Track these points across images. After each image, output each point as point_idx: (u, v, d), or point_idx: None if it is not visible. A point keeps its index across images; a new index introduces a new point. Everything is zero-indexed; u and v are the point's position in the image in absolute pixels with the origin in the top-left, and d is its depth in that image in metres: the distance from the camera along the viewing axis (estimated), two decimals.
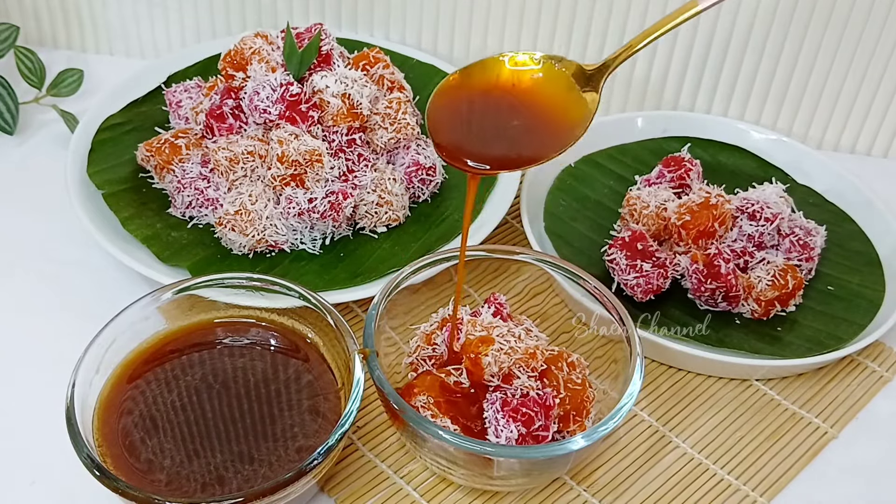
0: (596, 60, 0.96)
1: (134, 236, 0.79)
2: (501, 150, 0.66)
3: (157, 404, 0.64)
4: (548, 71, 0.68)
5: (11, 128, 0.94)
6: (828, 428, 0.73)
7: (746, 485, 0.69)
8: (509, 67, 0.68)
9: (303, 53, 0.80)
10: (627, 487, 0.68)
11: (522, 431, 0.62)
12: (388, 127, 0.82)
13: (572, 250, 0.82)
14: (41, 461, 0.67)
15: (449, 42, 1.00)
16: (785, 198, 0.81)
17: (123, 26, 1.04)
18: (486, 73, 0.68)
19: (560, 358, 0.66)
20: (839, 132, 0.99)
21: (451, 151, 0.65)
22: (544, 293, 0.79)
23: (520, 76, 0.68)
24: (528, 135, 0.67)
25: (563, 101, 0.68)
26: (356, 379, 0.62)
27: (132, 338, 0.66)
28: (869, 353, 0.78)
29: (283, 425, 0.63)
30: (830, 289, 0.81)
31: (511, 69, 0.68)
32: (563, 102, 0.68)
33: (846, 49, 0.93)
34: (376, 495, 0.67)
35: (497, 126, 0.67)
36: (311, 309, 0.67)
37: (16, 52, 0.95)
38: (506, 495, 0.67)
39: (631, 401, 0.63)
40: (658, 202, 0.81)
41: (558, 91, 0.68)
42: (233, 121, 0.81)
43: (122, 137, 0.88)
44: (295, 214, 0.78)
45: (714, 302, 0.78)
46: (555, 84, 0.68)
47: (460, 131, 0.67)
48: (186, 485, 0.60)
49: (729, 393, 0.75)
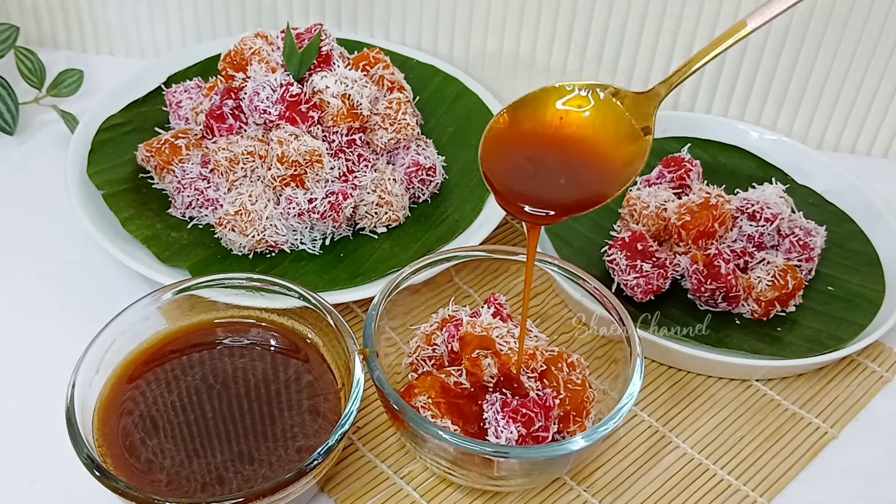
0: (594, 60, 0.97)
1: (134, 236, 0.79)
2: (560, 193, 0.63)
3: (157, 404, 0.64)
4: (598, 104, 0.66)
5: (11, 128, 0.94)
6: (828, 428, 0.73)
7: (746, 485, 0.69)
8: (559, 107, 0.66)
9: (303, 54, 0.80)
10: (627, 487, 0.68)
11: (522, 432, 0.62)
12: (388, 127, 0.82)
13: (572, 250, 0.82)
14: (41, 461, 0.67)
15: (449, 42, 1.00)
16: (785, 198, 0.81)
17: (123, 26, 1.04)
18: (536, 111, 0.66)
19: (560, 358, 0.66)
20: (839, 132, 0.99)
21: (509, 199, 0.63)
22: (544, 293, 0.79)
23: (569, 113, 0.66)
24: (585, 175, 0.64)
25: (616, 133, 0.66)
26: (356, 379, 0.62)
27: (132, 338, 0.66)
28: (869, 354, 0.78)
29: (283, 426, 0.63)
30: (830, 289, 0.81)
31: (561, 108, 0.66)
32: (616, 135, 0.66)
33: (846, 49, 0.93)
34: (376, 495, 0.67)
35: (553, 168, 0.65)
36: (311, 309, 0.67)
37: (16, 52, 0.95)
38: (506, 495, 0.67)
39: (631, 401, 0.63)
40: (658, 202, 0.81)
41: (610, 124, 0.66)
42: (233, 121, 0.81)
43: (122, 138, 0.88)
44: (295, 215, 0.78)
45: (714, 302, 0.78)
46: (606, 117, 0.66)
47: (517, 177, 0.64)
48: (186, 485, 0.60)
49: (729, 393, 0.75)
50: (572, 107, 0.67)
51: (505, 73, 1.00)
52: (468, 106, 0.93)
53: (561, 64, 0.98)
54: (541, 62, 0.98)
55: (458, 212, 0.84)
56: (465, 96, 0.94)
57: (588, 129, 0.66)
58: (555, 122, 0.66)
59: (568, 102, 0.67)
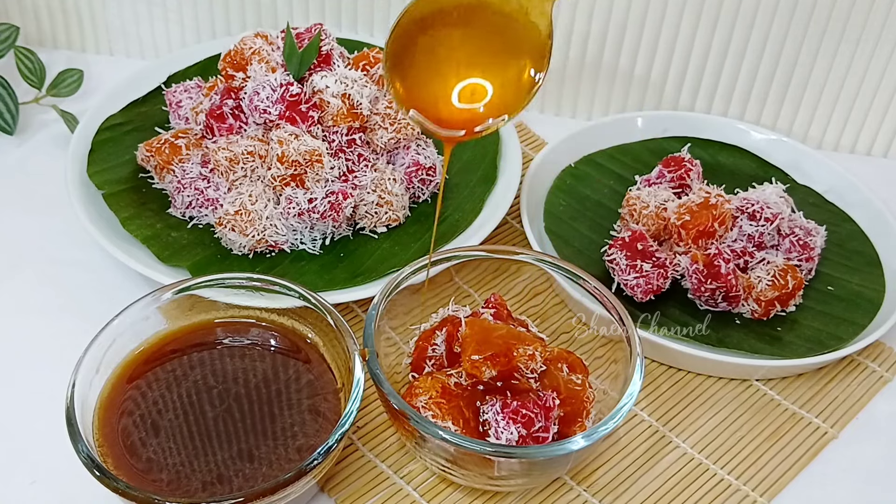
0: (594, 60, 0.97)
1: (134, 236, 0.79)
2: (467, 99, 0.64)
3: (157, 404, 0.64)
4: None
5: (11, 128, 0.94)
6: (828, 428, 0.73)
7: (746, 485, 0.69)
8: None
9: (303, 53, 0.80)
10: (627, 487, 0.68)
11: (523, 433, 0.62)
12: (388, 127, 0.82)
13: (572, 250, 0.82)
14: (41, 461, 0.67)
15: None
16: (785, 198, 0.81)
17: (123, 26, 1.04)
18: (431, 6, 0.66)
19: (560, 359, 0.66)
20: (839, 132, 0.99)
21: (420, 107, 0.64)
22: (544, 293, 0.79)
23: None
24: (486, 69, 0.65)
25: (510, 27, 0.65)
26: (356, 379, 0.62)
27: (132, 338, 0.66)
28: (869, 353, 0.78)
29: (283, 425, 0.63)
30: (830, 289, 0.81)
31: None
32: (511, 28, 0.65)
33: (846, 49, 0.93)
34: (376, 495, 0.67)
35: (455, 69, 0.65)
36: (311, 309, 0.67)
37: (16, 52, 0.95)
38: (506, 495, 0.67)
39: (631, 401, 0.63)
40: (658, 202, 0.81)
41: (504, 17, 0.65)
42: (233, 121, 0.81)
43: (122, 137, 0.88)
44: (295, 214, 0.78)
45: (714, 302, 0.78)
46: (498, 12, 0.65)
47: (424, 79, 0.66)
48: (187, 484, 0.60)
49: (729, 393, 0.75)
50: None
51: None
52: None
53: (561, 64, 0.98)
54: None
55: (458, 212, 0.84)
56: None
57: (482, 18, 0.66)
58: (450, 13, 0.66)
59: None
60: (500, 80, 0.65)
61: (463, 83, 0.65)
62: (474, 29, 0.66)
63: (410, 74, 0.66)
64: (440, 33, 0.66)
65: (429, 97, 0.66)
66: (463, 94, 0.65)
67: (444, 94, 0.65)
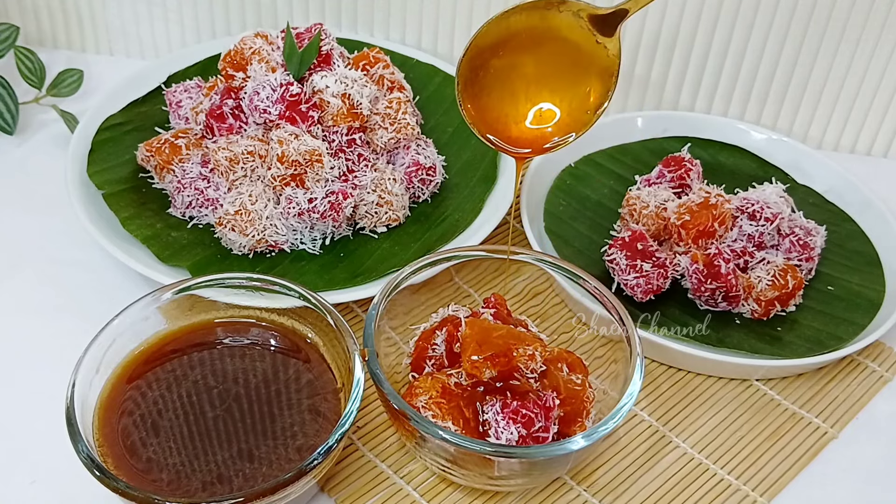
0: None
1: (134, 236, 0.79)
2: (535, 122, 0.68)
3: (157, 404, 0.64)
4: (558, 19, 0.68)
5: (11, 128, 0.94)
6: (828, 428, 0.73)
7: (746, 485, 0.69)
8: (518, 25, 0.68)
9: (303, 53, 0.80)
10: (627, 487, 0.68)
11: (523, 433, 0.62)
12: (388, 127, 0.82)
13: (572, 250, 0.82)
14: (41, 461, 0.67)
15: (449, 42, 1.00)
16: (785, 198, 0.81)
17: (123, 26, 1.04)
18: (500, 33, 0.68)
19: (560, 359, 0.66)
20: (839, 132, 0.99)
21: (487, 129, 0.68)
22: (544, 293, 0.79)
23: (529, 28, 0.68)
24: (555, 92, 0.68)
25: (579, 50, 0.68)
26: (356, 379, 0.62)
27: (132, 338, 0.66)
28: (869, 353, 0.78)
29: (283, 425, 0.63)
30: (830, 289, 0.81)
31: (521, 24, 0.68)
32: (580, 52, 0.68)
33: (846, 49, 0.93)
34: (376, 495, 0.67)
35: (524, 89, 0.68)
36: (311, 309, 0.67)
37: (16, 52, 0.95)
38: (506, 495, 0.67)
39: (631, 401, 0.63)
40: (658, 202, 0.81)
41: (573, 41, 0.68)
42: (233, 121, 0.81)
43: (122, 137, 0.88)
44: (295, 214, 0.78)
45: (714, 302, 0.78)
46: (567, 34, 0.68)
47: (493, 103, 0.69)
48: (187, 484, 0.60)
49: (729, 393, 0.75)
50: (533, 23, 0.68)
51: None
52: None
53: None
54: None
55: (458, 212, 0.84)
56: None
57: (550, 45, 0.68)
58: (520, 38, 0.68)
59: (527, 15, 0.68)
60: (568, 101, 0.68)
61: (532, 105, 0.69)
62: (543, 51, 0.68)
63: (482, 96, 0.69)
64: (510, 56, 0.69)
65: (499, 118, 0.69)
66: (532, 115, 0.68)
67: (514, 116, 0.69)
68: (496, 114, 0.69)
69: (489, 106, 0.69)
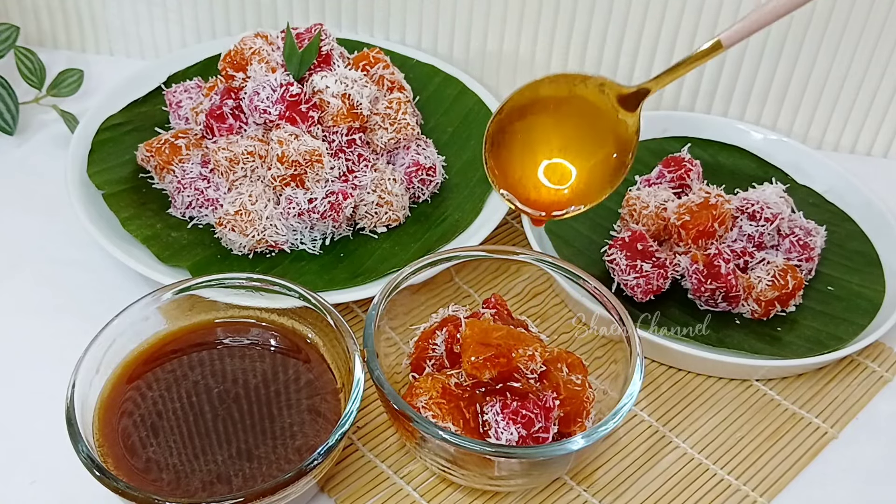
0: (594, 61, 0.97)
1: (134, 236, 0.79)
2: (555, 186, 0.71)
3: (157, 404, 0.64)
4: (584, 93, 0.71)
5: (11, 128, 0.94)
6: (828, 428, 0.73)
7: (746, 485, 0.69)
8: (546, 95, 0.72)
9: (303, 54, 0.80)
10: (627, 487, 0.68)
11: (523, 434, 0.62)
12: (388, 127, 0.82)
13: (572, 250, 0.82)
14: (41, 461, 0.67)
15: (449, 42, 1.00)
16: (785, 198, 0.81)
17: (123, 26, 1.04)
18: (527, 103, 0.72)
19: (560, 359, 0.66)
20: (839, 132, 0.99)
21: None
22: (544, 293, 0.79)
23: (557, 101, 0.72)
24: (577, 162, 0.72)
25: (602, 124, 0.71)
26: (356, 379, 0.62)
27: (132, 338, 0.66)
28: (869, 354, 0.78)
29: (282, 425, 0.63)
30: (830, 289, 0.81)
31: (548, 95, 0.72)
32: (602, 126, 0.71)
33: (846, 49, 0.93)
34: (376, 495, 0.67)
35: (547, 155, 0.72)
36: (311, 309, 0.67)
37: (16, 52, 0.95)
38: (506, 495, 0.67)
39: (631, 401, 0.63)
40: (658, 202, 0.81)
41: (596, 114, 0.71)
42: (233, 121, 0.81)
43: (122, 137, 0.88)
44: (295, 215, 0.78)
45: (714, 302, 0.78)
46: (592, 107, 0.72)
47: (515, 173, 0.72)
48: (187, 484, 0.60)
49: (729, 393, 0.75)
50: (560, 93, 0.72)
51: (505, 73, 1.00)
52: (468, 106, 0.93)
53: (561, 64, 0.98)
54: (541, 62, 0.98)
55: (458, 212, 0.84)
56: (465, 96, 0.94)
57: (574, 116, 0.72)
58: (547, 108, 0.72)
59: (554, 89, 0.72)
60: (586, 172, 0.72)
61: (550, 170, 0.72)
62: (567, 120, 0.72)
63: (503, 157, 0.72)
64: (535, 121, 0.72)
65: (518, 180, 0.72)
66: (550, 180, 0.72)
67: (532, 179, 0.72)
68: (516, 175, 0.72)
69: (510, 166, 0.72)
